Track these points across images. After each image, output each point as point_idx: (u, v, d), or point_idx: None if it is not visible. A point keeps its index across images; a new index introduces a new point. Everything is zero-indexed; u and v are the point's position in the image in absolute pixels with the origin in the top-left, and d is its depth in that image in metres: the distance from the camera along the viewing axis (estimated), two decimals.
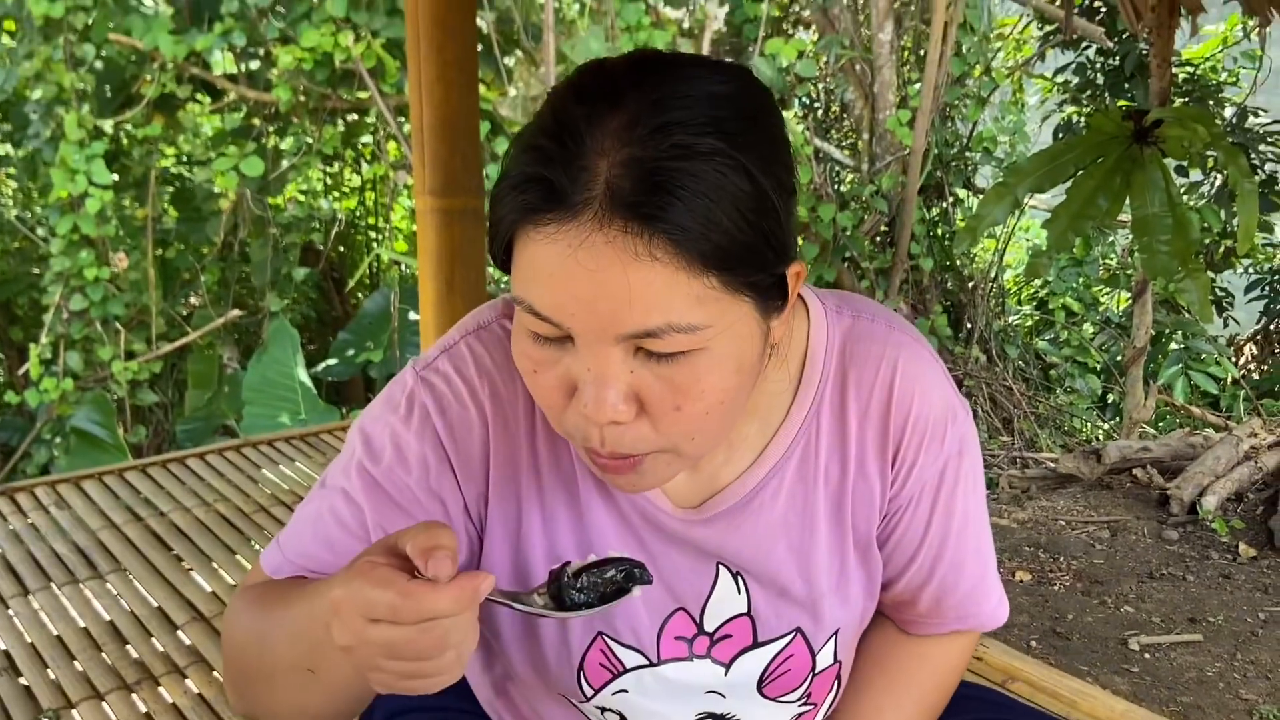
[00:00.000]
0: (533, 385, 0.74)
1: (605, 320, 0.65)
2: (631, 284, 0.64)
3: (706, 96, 0.66)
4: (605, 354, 0.67)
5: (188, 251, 5.84)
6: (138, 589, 2.00)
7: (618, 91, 0.66)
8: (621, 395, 0.68)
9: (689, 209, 0.63)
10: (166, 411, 5.79)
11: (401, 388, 0.85)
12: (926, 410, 0.86)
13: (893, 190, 5.60)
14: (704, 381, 0.69)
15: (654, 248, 0.63)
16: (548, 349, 0.70)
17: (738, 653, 0.90)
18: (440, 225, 2.49)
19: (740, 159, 0.65)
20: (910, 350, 0.87)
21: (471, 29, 2.47)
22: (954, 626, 0.96)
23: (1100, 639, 2.98)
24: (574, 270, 0.64)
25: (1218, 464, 3.81)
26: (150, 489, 2.44)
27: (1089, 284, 6.71)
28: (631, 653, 0.88)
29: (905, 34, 5.90)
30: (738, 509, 0.86)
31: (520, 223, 0.67)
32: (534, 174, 0.65)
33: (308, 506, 0.87)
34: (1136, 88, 6.29)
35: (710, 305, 0.66)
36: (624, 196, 0.63)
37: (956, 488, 0.90)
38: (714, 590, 0.88)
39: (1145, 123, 3.59)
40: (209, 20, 5.15)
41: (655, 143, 0.63)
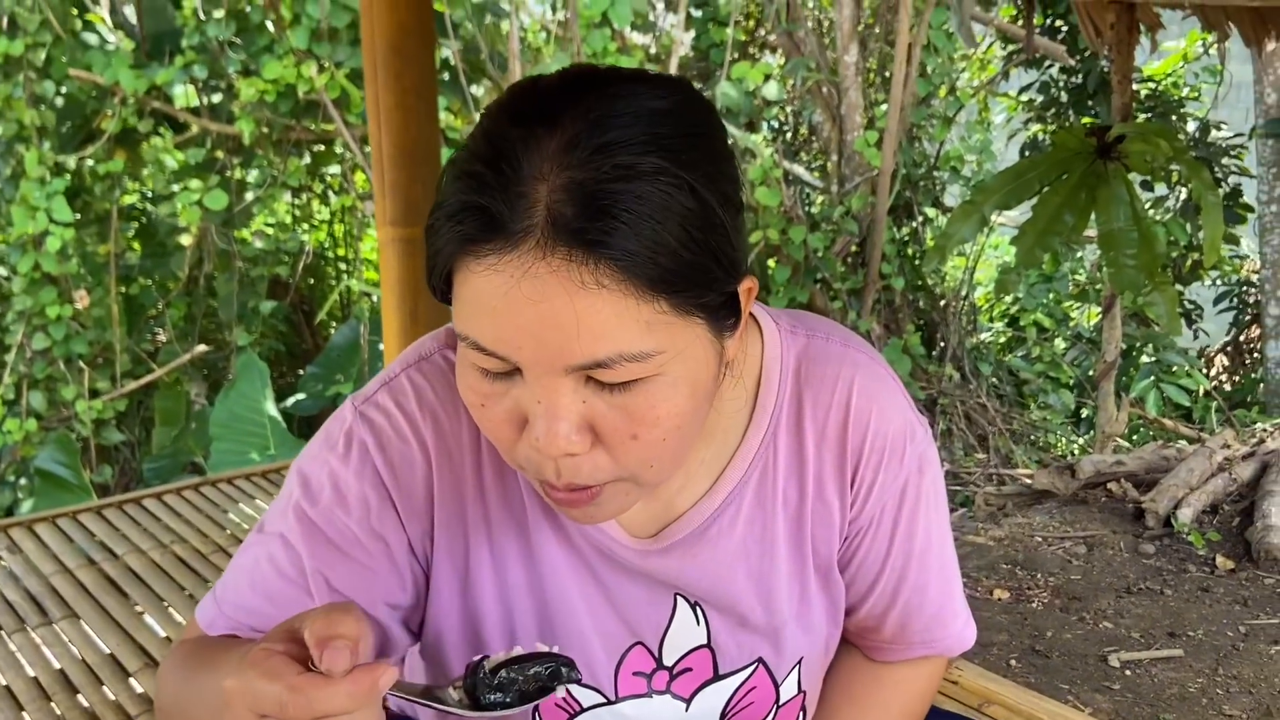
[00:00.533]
0: (481, 420, 0.71)
1: (553, 352, 0.63)
2: (579, 314, 0.61)
3: (646, 113, 0.64)
4: (555, 386, 0.64)
5: (152, 287, 5.77)
6: (90, 636, 1.94)
7: (554, 111, 0.63)
8: (574, 426, 0.66)
9: (634, 233, 0.60)
10: (133, 450, 5.69)
11: (340, 424, 0.82)
12: (884, 429, 0.84)
13: (863, 211, 5.62)
14: (659, 408, 0.66)
15: (600, 275, 0.60)
16: (495, 383, 0.67)
17: (699, 686, 0.87)
18: (403, 255, 2.45)
19: (684, 176, 0.62)
20: (866, 369, 0.85)
21: (430, 56, 2.44)
22: (921, 651, 0.93)
23: (1080, 656, 2.96)
24: (518, 302, 0.61)
25: (1192, 476, 3.81)
26: (106, 531, 2.37)
27: (1059, 299, 6.75)
28: (588, 692, 0.85)
29: (870, 56, 5.94)
30: (695, 536, 0.83)
31: (459, 254, 0.64)
32: (470, 202, 0.62)
33: (244, 555, 0.83)
34: (1100, 104, 6.35)
35: (661, 330, 0.64)
36: (566, 223, 0.60)
37: (918, 507, 0.87)
38: (672, 621, 0.85)
39: (1108, 139, 3.62)
40: (169, 54, 5.11)
41: (596, 164, 0.61)
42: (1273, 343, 6.21)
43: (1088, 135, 3.71)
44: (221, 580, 0.84)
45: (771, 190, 5.35)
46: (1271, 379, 6.23)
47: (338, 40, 5.02)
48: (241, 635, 0.81)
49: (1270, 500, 3.57)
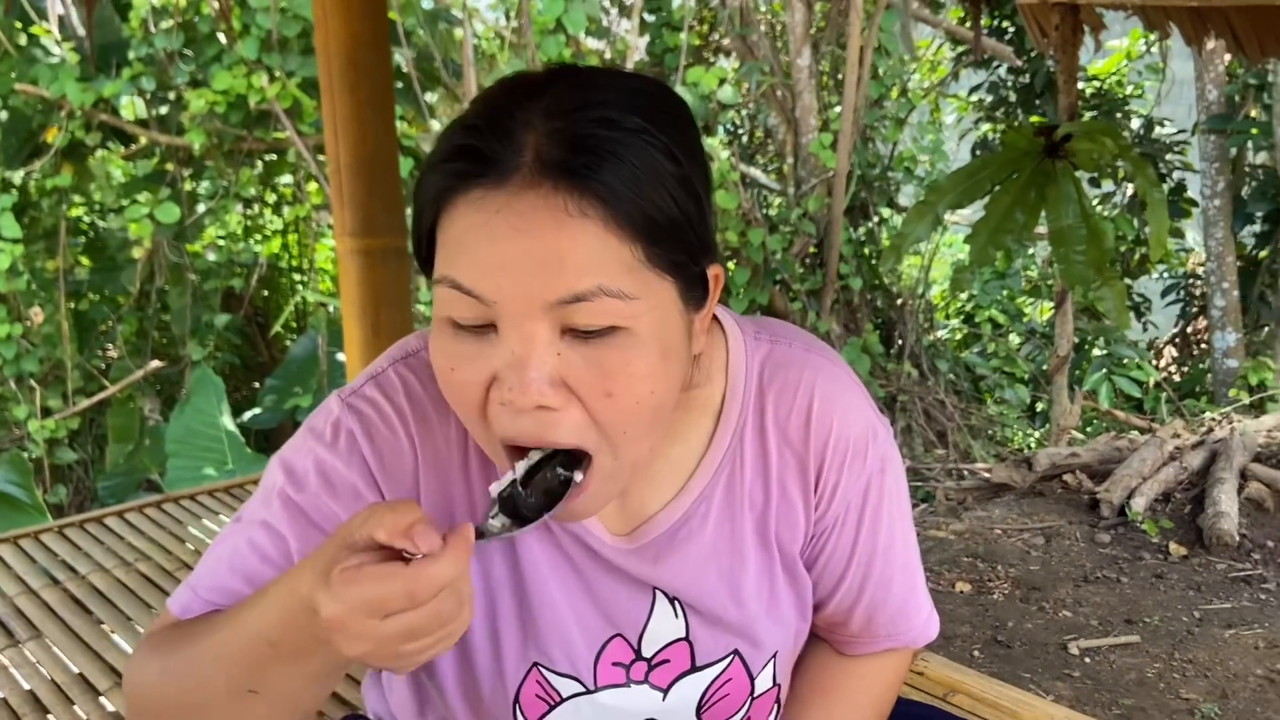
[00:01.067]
0: (450, 385, 0.71)
1: (534, 286, 0.64)
2: (562, 243, 0.63)
3: (627, 89, 0.69)
4: (531, 332, 0.65)
5: (103, 302, 5.68)
6: (58, 655, 1.91)
7: (541, 84, 0.69)
8: (547, 377, 0.66)
9: (618, 173, 0.64)
10: (87, 469, 5.60)
11: (326, 416, 0.82)
12: (846, 431, 0.86)
13: (819, 212, 5.67)
14: (633, 365, 0.68)
15: (585, 206, 0.63)
16: (467, 341, 0.68)
17: (676, 677, 0.89)
18: (362, 266, 2.44)
19: (664, 140, 0.67)
20: (828, 373, 0.87)
21: (386, 67, 2.44)
22: (887, 644, 0.96)
23: (1041, 645, 3.01)
24: (502, 233, 0.63)
25: (1144, 466, 3.90)
26: (68, 551, 2.34)
27: (1013, 296, 6.87)
28: (568, 681, 0.87)
29: (823, 59, 6.00)
30: (666, 538, 0.85)
31: (447, 194, 0.66)
32: (460, 145, 0.66)
33: (221, 544, 0.83)
34: (1048, 103, 6.48)
35: (638, 276, 0.66)
36: (553, 158, 0.64)
37: (881, 506, 0.90)
38: (651, 616, 0.87)
39: (1056, 138, 3.69)
40: (116, 66, 5.04)
41: (581, 115, 0.65)
42: (1219, 333, 6.37)
43: (1036, 135, 3.78)
44: (196, 571, 0.83)
45: (729, 193, 5.39)
46: (1219, 369, 6.38)
47: (289, 50, 4.98)
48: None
49: (1220, 488, 3.66)
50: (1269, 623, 3.07)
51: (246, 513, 0.83)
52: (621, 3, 6.11)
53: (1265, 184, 6.47)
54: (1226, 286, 6.33)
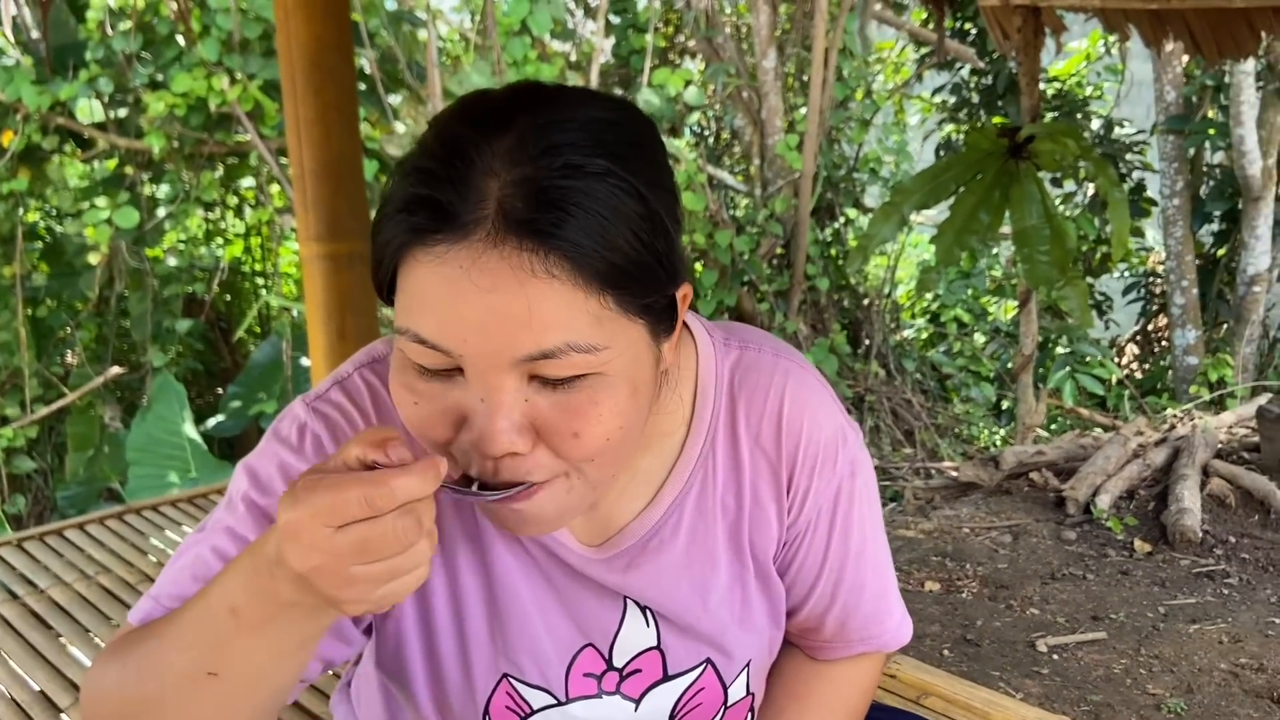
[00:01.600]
0: (410, 418, 0.69)
1: (500, 344, 0.63)
2: (529, 303, 0.62)
3: (593, 121, 0.66)
4: (498, 382, 0.64)
5: (61, 309, 5.58)
6: (17, 672, 1.87)
7: (505, 115, 0.65)
8: (516, 426, 0.65)
9: (584, 226, 0.62)
10: (46, 478, 5.49)
11: (291, 421, 0.82)
12: (816, 435, 0.86)
13: (786, 213, 5.69)
14: (602, 406, 0.67)
15: (551, 265, 0.61)
16: (432, 382, 0.67)
17: (648, 687, 0.88)
18: (327, 271, 2.41)
19: (630, 180, 0.64)
20: (797, 377, 0.87)
21: (350, 69, 2.41)
22: (860, 649, 0.96)
23: (1009, 643, 3.04)
24: (467, 292, 0.62)
25: (1108, 463, 3.94)
26: (27, 565, 2.28)
27: (977, 295, 6.93)
28: (539, 693, 0.86)
29: (788, 60, 6.02)
30: (638, 548, 0.84)
31: (407, 246, 0.64)
32: (421, 195, 0.63)
33: (184, 554, 0.81)
34: (1010, 104, 6.54)
35: (607, 326, 0.65)
36: (518, 214, 0.61)
37: (852, 510, 0.90)
38: (622, 625, 0.86)
39: (1019, 139, 3.72)
40: (73, 68, 4.95)
41: (546, 162, 0.62)
42: (1179, 331, 6.46)
43: (999, 136, 3.82)
44: (158, 580, 0.81)
45: (696, 195, 5.39)
46: (1179, 366, 6.47)
47: (250, 51, 4.91)
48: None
49: (1182, 484, 3.71)
50: (1232, 617, 3.12)
51: (210, 521, 0.82)
52: (587, 4, 6.09)
53: (1223, 183, 6.57)
54: (1186, 285, 6.42)
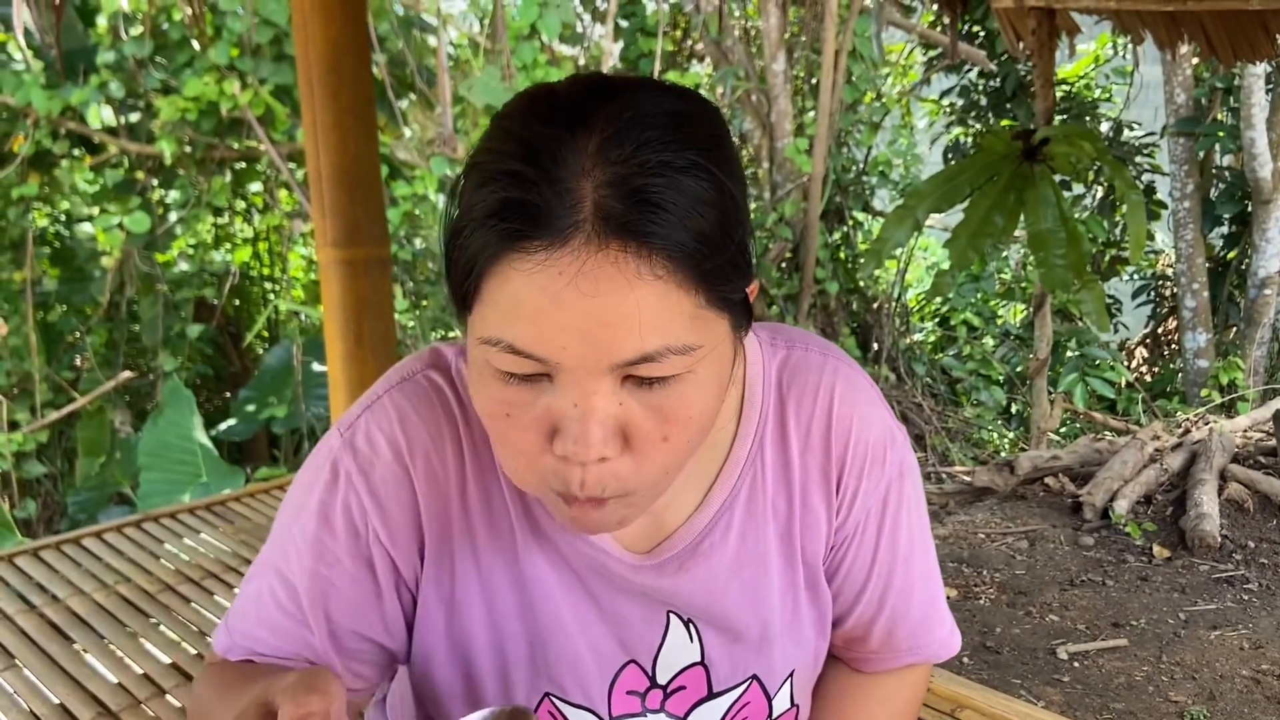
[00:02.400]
0: (503, 433, 0.68)
1: (601, 349, 0.61)
2: (630, 306, 0.60)
3: (674, 114, 0.64)
4: (594, 387, 0.63)
5: (71, 313, 5.57)
6: (36, 685, 1.85)
7: (582, 112, 0.63)
8: (610, 431, 0.65)
9: (680, 224, 0.61)
10: (56, 483, 5.48)
11: (327, 453, 0.81)
12: (866, 434, 0.85)
13: (795, 217, 5.68)
14: (692, 407, 0.66)
15: (654, 266, 0.60)
16: (522, 389, 0.65)
17: (693, 705, 0.86)
18: (345, 277, 2.39)
19: (716, 172, 0.63)
20: (846, 376, 0.86)
21: (367, 75, 2.40)
22: (907, 660, 0.93)
23: (1029, 650, 3.02)
24: (571, 299, 0.60)
25: (1125, 468, 3.92)
26: (44, 574, 2.28)
27: (987, 298, 6.91)
28: (581, 712, 0.84)
29: (797, 64, 6.01)
30: (689, 551, 0.82)
31: (500, 254, 0.61)
32: (513, 199, 0.60)
33: (249, 584, 0.85)
34: (1018, 107, 6.53)
35: (699, 324, 0.64)
36: (616, 216, 0.60)
37: (901, 511, 0.88)
38: (665, 640, 0.84)
39: (1033, 141, 3.70)
40: (84, 73, 4.95)
41: (637, 160, 0.61)
42: (1190, 334, 6.44)
43: (1014, 139, 3.79)
44: (231, 609, 0.85)
45: None
46: (1190, 369, 6.45)
47: (261, 55, 4.91)
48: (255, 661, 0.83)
49: (1200, 489, 3.68)
50: (1253, 623, 3.10)
51: (267, 552, 0.84)
52: (595, 8, 6.09)
53: (1233, 186, 6.55)
54: (1196, 288, 6.40)
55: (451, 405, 0.80)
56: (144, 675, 1.89)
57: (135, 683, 1.86)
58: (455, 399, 0.80)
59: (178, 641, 2.01)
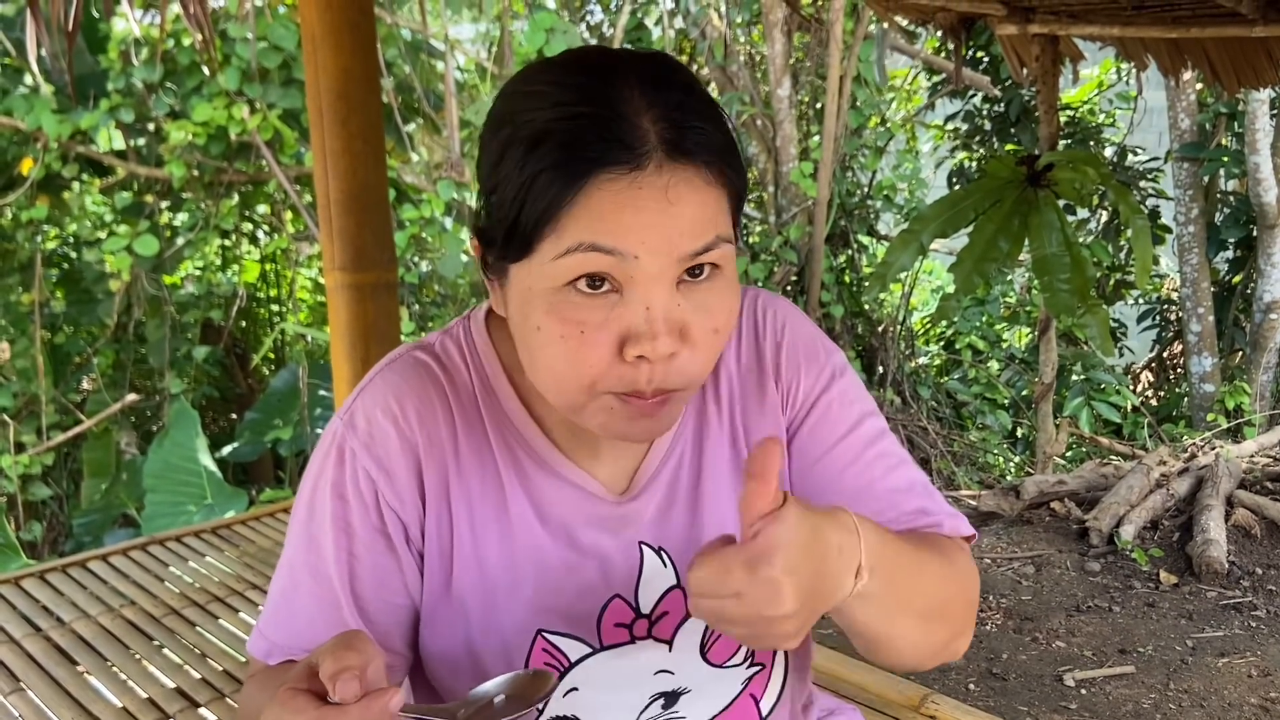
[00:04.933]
0: (574, 351, 0.75)
1: (673, 241, 0.73)
2: (697, 207, 0.74)
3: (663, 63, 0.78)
4: (657, 289, 0.74)
5: (78, 335, 5.59)
6: (43, 709, 1.85)
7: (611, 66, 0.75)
8: (675, 328, 0.75)
9: (721, 146, 0.76)
10: (62, 504, 5.49)
11: (331, 439, 0.88)
12: (794, 339, 0.94)
13: (800, 240, 5.69)
14: (728, 301, 0.79)
15: (707, 176, 0.74)
16: (592, 307, 0.74)
17: (677, 625, 0.91)
18: (352, 301, 2.41)
19: (719, 107, 0.79)
20: (767, 297, 0.97)
21: (376, 101, 2.42)
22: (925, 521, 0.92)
23: (1036, 677, 3.00)
24: (650, 206, 0.72)
25: (1131, 493, 3.91)
26: (50, 597, 2.27)
27: (992, 322, 6.90)
28: (574, 643, 0.89)
29: (802, 89, 6.04)
30: (655, 476, 0.90)
31: (582, 187, 0.71)
32: (591, 134, 0.71)
33: (277, 585, 0.90)
34: (1022, 132, 6.55)
35: (728, 222, 0.78)
36: (676, 141, 0.73)
37: (851, 401, 0.94)
38: (643, 570, 0.90)
39: (1038, 166, 3.72)
40: (94, 98, 4.99)
41: (673, 101, 0.74)
42: (1195, 358, 6.43)
43: (1018, 164, 3.81)
44: (263, 615, 0.90)
45: None
46: (1195, 393, 6.44)
47: (269, 80, 4.95)
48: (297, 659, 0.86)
49: (1207, 514, 3.67)
50: (1261, 650, 3.08)
51: (289, 550, 0.89)
52: (602, 34, 6.13)
53: (1238, 211, 6.56)
54: (1202, 312, 6.39)
55: (437, 374, 0.89)
56: (148, 699, 1.88)
57: (140, 707, 1.86)
58: (440, 369, 0.89)
59: (182, 665, 2.01)
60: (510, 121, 0.75)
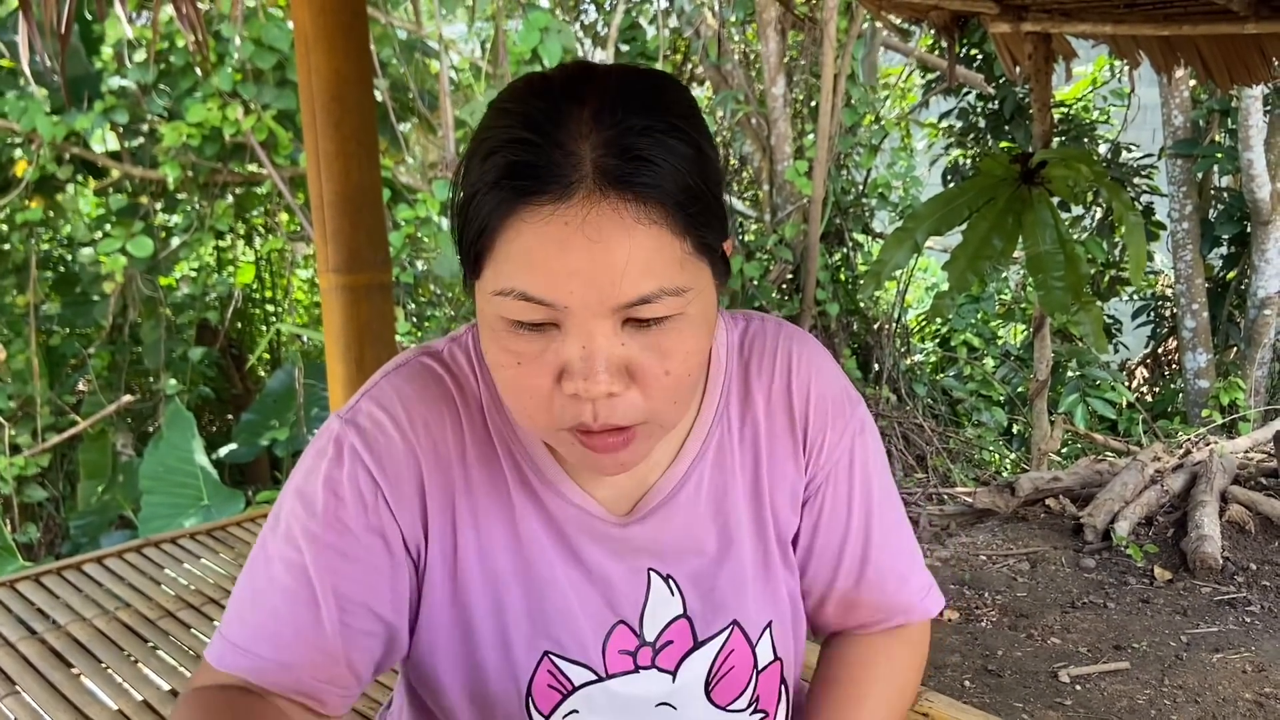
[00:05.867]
0: (513, 381, 0.74)
1: (605, 291, 0.69)
2: (630, 250, 0.68)
3: (652, 87, 0.74)
4: (598, 329, 0.70)
5: (73, 337, 5.59)
6: (38, 711, 1.85)
7: (576, 88, 0.72)
8: (615, 367, 0.71)
9: (669, 176, 0.69)
10: (58, 506, 5.49)
11: (328, 436, 0.84)
12: (825, 389, 0.92)
13: (795, 239, 5.70)
14: (688, 344, 0.74)
15: (649, 212, 0.69)
16: (531, 339, 0.72)
17: (681, 657, 0.90)
18: (346, 303, 2.41)
19: (693, 135, 0.72)
20: (801, 339, 0.94)
21: (369, 101, 2.42)
22: (900, 619, 0.97)
23: (1031, 673, 3.01)
24: (574, 246, 0.68)
25: (1126, 490, 3.92)
26: (45, 599, 2.27)
27: (987, 319, 6.92)
28: (579, 669, 0.87)
29: (797, 88, 6.05)
30: (666, 504, 0.88)
31: (512, 211, 0.69)
32: (524, 162, 0.69)
33: (245, 585, 0.83)
34: (1016, 129, 6.56)
35: (689, 269, 0.72)
36: (611, 171, 0.68)
37: (868, 465, 0.94)
38: (649, 596, 0.89)
39: (1031, 164, 3.72)
40: (89, 99, 4.98)
41: (626, 124, 0.69)
42: (1190, 354, 6.44)
43: (1012, 162, 3.82)
44: (225, 617, 0.84)
45: None
46: (1190, 389, 6.45)
47: (264, 81, 4.94)
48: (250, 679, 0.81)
49: (1201, 510, 3.68)
50: (1255, 646, 3.09)
51: (265, 547, 0.83)
52: (596, 33, 6.13)
53: (1231, 207, 6.57)
54: (1196, 308, 6.41)
55: (446, 383, 0.85)
56: (144, 702, 1.89)
57: (135, 709, 1.86)
58: (450, 378, 0.86)
59: (177, 668, 2.01)
60: (478, 135, 0.74)
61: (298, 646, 0.80)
